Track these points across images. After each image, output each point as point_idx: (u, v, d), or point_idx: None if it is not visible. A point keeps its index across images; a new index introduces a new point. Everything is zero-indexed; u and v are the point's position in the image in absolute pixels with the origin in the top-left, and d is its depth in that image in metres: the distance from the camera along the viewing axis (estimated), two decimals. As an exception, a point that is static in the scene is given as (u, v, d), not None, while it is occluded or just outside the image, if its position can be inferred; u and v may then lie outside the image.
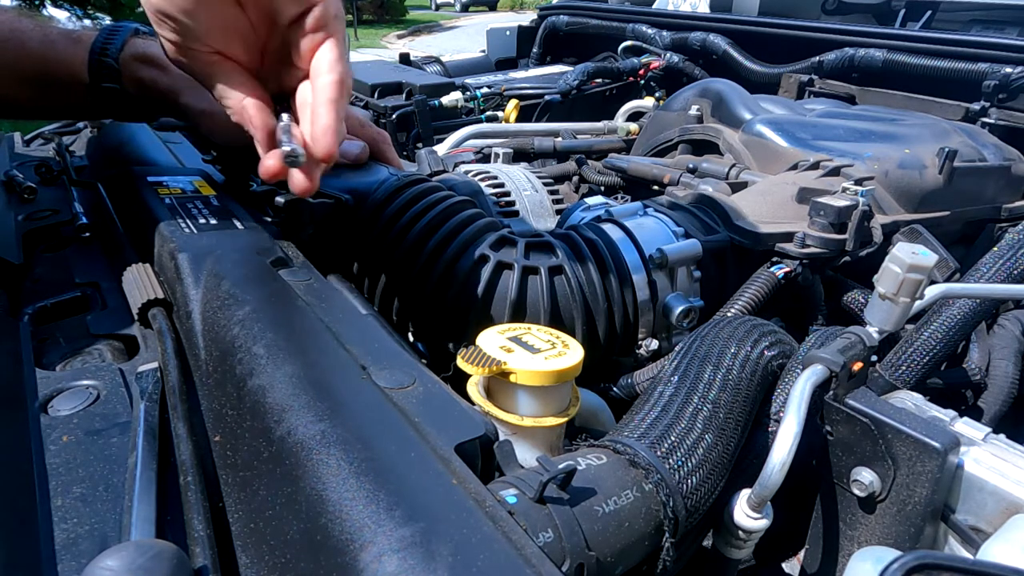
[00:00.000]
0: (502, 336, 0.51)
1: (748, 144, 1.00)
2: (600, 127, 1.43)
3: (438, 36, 14.71)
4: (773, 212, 0.77)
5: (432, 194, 0.69)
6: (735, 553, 0.49)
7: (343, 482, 0.33)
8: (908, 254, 0.50)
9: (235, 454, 0.41)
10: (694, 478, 0.44)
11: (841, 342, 0.51)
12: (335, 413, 0.37)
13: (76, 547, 0.36)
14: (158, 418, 0.44)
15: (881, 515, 0.49)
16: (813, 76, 1.42)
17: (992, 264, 0.72)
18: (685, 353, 0.54)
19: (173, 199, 0.67)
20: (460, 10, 21.29)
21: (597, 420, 0.63)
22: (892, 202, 0.87)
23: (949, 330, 0.66)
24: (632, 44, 1.73)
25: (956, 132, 1.00)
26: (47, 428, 0.44)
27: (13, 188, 0.83)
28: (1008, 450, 0.48)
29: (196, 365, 0.49)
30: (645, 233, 0.72)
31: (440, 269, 0.64)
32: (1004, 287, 0.68)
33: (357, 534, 0.30)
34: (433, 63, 1.86)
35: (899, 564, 0.32)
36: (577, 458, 0.43)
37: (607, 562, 0.38)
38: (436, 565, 0.28)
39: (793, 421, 0.45)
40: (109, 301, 0.61)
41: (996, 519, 0.46)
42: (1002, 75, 1.17)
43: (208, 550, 0.34)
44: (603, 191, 1.14)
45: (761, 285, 0.70)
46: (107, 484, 0.40)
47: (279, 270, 0.55)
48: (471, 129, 1.30)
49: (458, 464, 0.36)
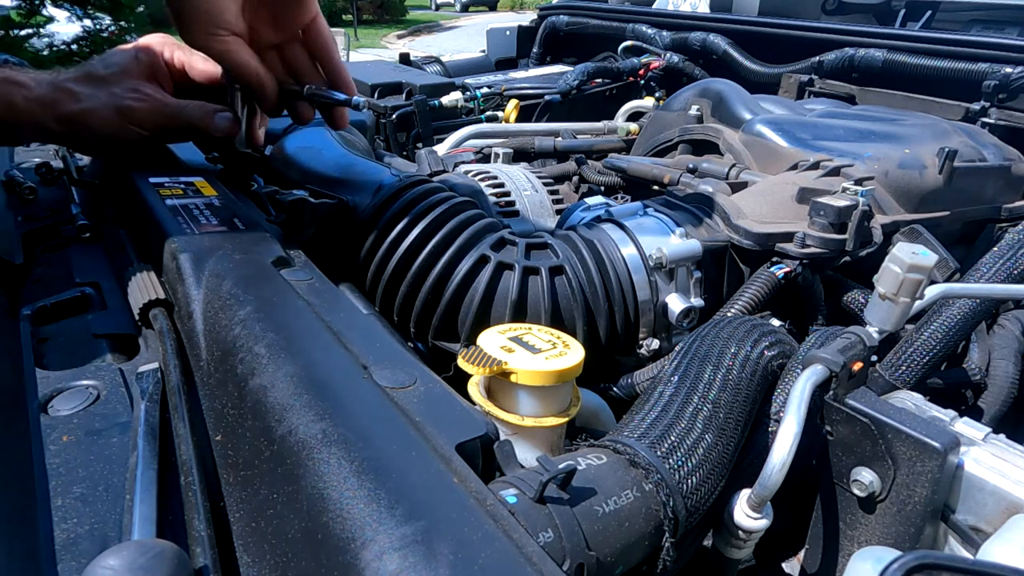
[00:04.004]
0: (503, 336, 0.51)
1: (748, 144, 1.00)
2: (600, 127, 1.43)
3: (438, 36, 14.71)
4: (773, 212, 0.77)
5: (433, 195, 0.69)
6: (735, 553, 0.49)
7: (344, 481, 0.33)
8: (908, 254, 0.50)
9: (236, 453, 0.41)
10: (694, 478, 0.44)
11: (841, 342, 0.51)
12: (336, 412, 0.37)
13: (76, 547, 0.36)
14: (159, 418, 0.44)
15: (881, 515, 0.49)
16: (813, 76, 1.42)
17: (992, 264, 0.72)
18: (685, 353, 0.54)
19: (174, 199, 0.67)
20: (460, 10, 21.29)
21: (597, 420, 0.63)
22: (892, 202, 0.87)
23: (949, 330, 0.66)
24: (632, 44, 1.73)
25: (956, 132, 1.00)
26: (47, 428, 0.44)
27: (13, 188, 0.83)
28: (1008, 450, 0.48)
29: (197, 365, 0.49)
30: (645, 233, 0.72)
31: (441, 269, 0.64)
32: (1004, 287, 0.68)
33: (358, 532, 0.30)
34: (433, 63, 1.86)
35: (899, 564, 0.32)
36: (577, 458, 0.43)
37: (607, 562, 0.39)
38: (437, 563, 0.28)
39: (793, 421, 0.45)
40: (109, 301, 0.61)
41: (996, 519, 0.46)
42: (1002, 75, 1.17)
43: (209, 549, 0.34)
44: (603, 191, 1.14)
45: (761, 285, 0.71)
46: (107, 484, 0.40)
47: (280, 270, 0.55)
48: (471, 129, 1.30)
49: (459, 463, 0.36)
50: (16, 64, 0.74)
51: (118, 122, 0.72)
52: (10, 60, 0.77)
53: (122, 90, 0.73)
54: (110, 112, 0.72)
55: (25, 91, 0.69)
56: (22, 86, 0.69)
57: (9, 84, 0.69)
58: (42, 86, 0.70)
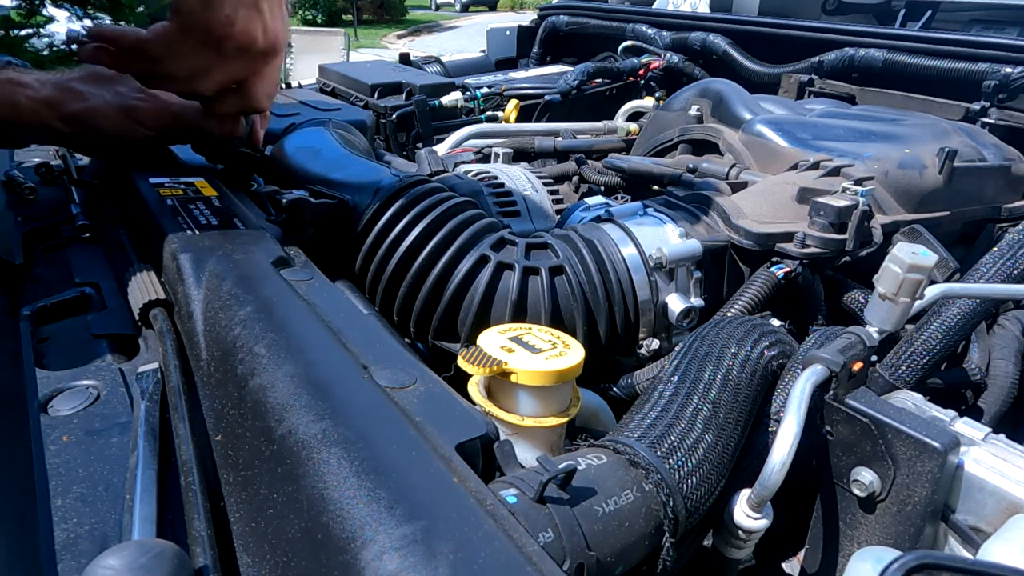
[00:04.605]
0: (503, 336, 0.51)
1: (748, 144, 1.00)
2: (600, 127, 1.43)
3: (438, 36, 14.71)
4: (773, 212, 0.77)
5: (433, 195, 0.69)
6: (735, 553, 0.49)
7: (344, 481, 0.33)
8: (908, 254, 0.50)
9: (236, 453, 0.41)
10: (694, 478, 0.44)
11: (841, 342, 0.51)
12: (336, 412, 0.37)
13: (76, 547, 0.36)
14: (159, 418, 0.44)
15: (881, 515, 0.49)
16: (813, 76, 1.42)
17: (992, 264, 0.72)
18: (685, 353, 0.54)
19: (175, 200, 0.67)
20: (460, 10, 21.28)
21: (598, 420, 0.63)
22: (892, 202, 0.87)
23: (949, 330, 0.66)
24: (632, 44, 1.73)
25: (956, 132, 1.00)
26: (47, 428, 0.44)
27: (13, 188, 0.83)
28: (1008, 450, 0.48)
29: (197, 365, 0.49)
30: (645, 233, 0.72)
31: (441, 269, 0.64)
32: (1004, 287, 0.68)
33: (358, 532, 0.30)
34: (433, 63, 1.85)
35: (899, 564, 0.32)
36: (577, 458, 0.43)
37: (607, 562, 0.39)
38: (437, 563, 0.28)
39: (793, 421, 0.45)
40: (109, 301, 0.61)
41: (996, 519, 0.46)
42: (1002, 75, 1.17)
43: (209, 549, 0.34)
44: (603, 191, 1.14)
45: (761, 285, 0.70)
46: (107, 484, 0.40)
47: (280, 270, 0.55)
48: (471, 129, 1.30)
49: (459, 463, 0.36)
50: (19, 66, 0.74)
51: (123, 121, 0.72)
52: (12, 62, 0.77)
53: (127, 89, 0.73)
54: (115, 111, 0.72)
55: (29, 91, 0.69)
56: (25, 87, 0.69)
57: (12, 85, 0.69)
58: (46, 87, 0.70)
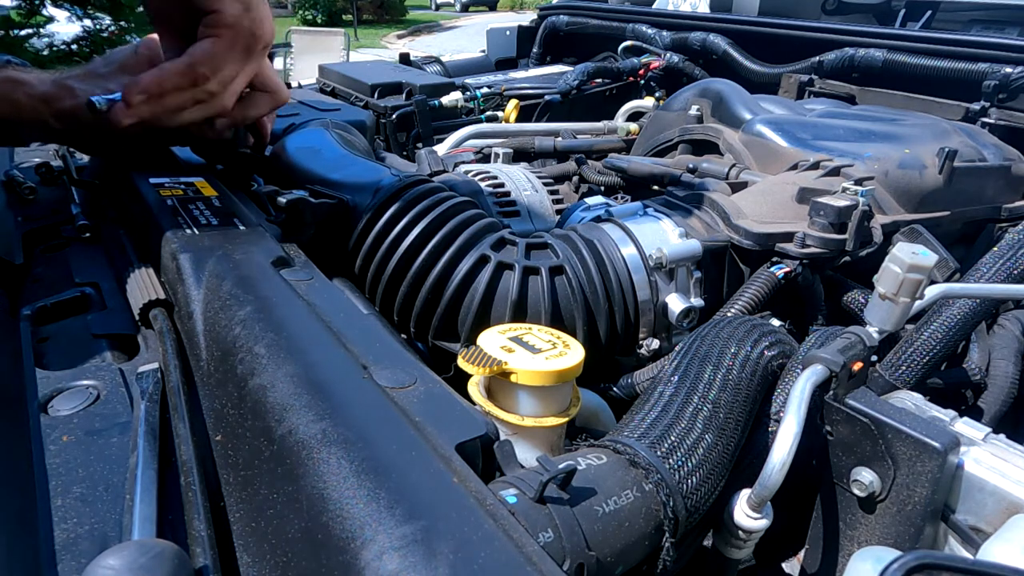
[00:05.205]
0: (503, 336, 0.51)
1: (748, 144, 1.00)
2: (600, 127, 1.43)
3: (438, 36, 14.71)
4: (773, 212, 0.77)
5: (433, 195, 0.69)
6: (735, 553, 0.49)
7: (344, 481, 0.33)
8: (908, 254, 0.50)
9: (236, 453, 0.41)
10: (694, 478, 0.44)
11: (841, 342, 0.51)
12: (336, 412, 0.37)
13: (76, 547, 0.36)
14: (159, 418, 0.44)
15: (881, 515, 0.49)
16: (813, 76, 1.42)
17: (992, 264, 0.72)
18: (685, 353, 0.54)
19: (174, 200, 0.67)
20: (460, 10, 21.28)
21: (597, 420, 0.63)
22: (892, 202, 0.87)
23: (949, 330, 0.66)
24: (632, 44, 1.73)
25: (956, 132, 1.00)
26: (47, 428, 0.44)
27: (13, 188, 0.83)
28: (1008, 450, 0.48)
29: (197, 365, 0.49)
30: (645, 233, 0.72)
31: (441, 269, 0.64)
32: (1004, 287, 0.68)
33: (358, 532, 0.30)
34: (433, 63, 1.85)
35: (899, 564, 0.32)
36: (577, 458, 0.43)
37: (607, 562, 0.39)
38: (437, 563, 0.28)
39: (793, 421, 0.45)
40: (109, 301, 0.61)
41: (996, 519, 0.46)
42: (1002, 75, 1.17)
43: (209, 549, 0.34)
44: (603, 191, 1.14)
45: (761, 285, 0.70)
46: (107, 484, 0.40)
47: (280, 270, 0.55)
48: (471, 129, 1.30)
49: (459, 463, 0.36)
50: (19, 64, 0.75)
51: None
52: (12, 60, 0.77)
53: (117, 85, 0.73)
54: None
55: (28, 88, 0.69)
56: (25, 84, 0.69)
57: (12, 83, 0.69)
58: (44, 84, 0.70)
